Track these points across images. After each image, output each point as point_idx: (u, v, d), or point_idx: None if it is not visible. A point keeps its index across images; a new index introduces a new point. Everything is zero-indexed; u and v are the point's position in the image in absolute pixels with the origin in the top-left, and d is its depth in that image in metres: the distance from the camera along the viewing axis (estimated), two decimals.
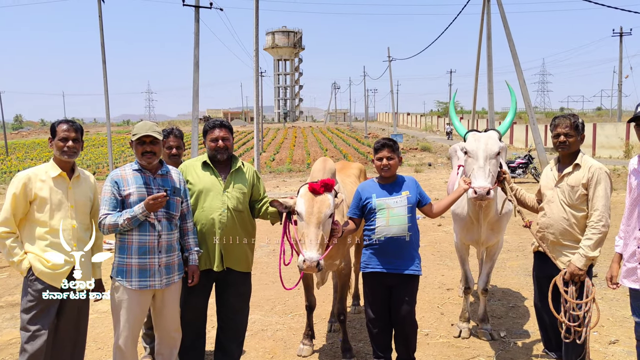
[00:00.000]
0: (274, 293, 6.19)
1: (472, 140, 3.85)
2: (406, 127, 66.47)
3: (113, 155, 24.39)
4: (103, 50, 20.57)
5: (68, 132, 3.28)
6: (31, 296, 3.18)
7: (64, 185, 3.29)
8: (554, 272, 3.59)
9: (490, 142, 3.78)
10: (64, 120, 3.37)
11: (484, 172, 3.67)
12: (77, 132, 3.32)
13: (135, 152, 3.34)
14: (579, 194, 3.48)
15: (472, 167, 3.75)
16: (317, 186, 3.45)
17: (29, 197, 3.19)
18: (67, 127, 3.29)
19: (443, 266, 7.38)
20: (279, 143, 40.92)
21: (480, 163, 3.70)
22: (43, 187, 3.22)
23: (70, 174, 3.34)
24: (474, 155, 3.76)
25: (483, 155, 3.72)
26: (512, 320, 5.22)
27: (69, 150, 3.27)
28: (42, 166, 3.34)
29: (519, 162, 18.05)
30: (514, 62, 17.07)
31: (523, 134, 34.45)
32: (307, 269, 3.33)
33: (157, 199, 3.15)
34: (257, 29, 16.60)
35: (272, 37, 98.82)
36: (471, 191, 3.65)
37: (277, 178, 21.99)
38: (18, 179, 3.21)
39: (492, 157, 3.74)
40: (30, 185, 3.19)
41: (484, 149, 3.74)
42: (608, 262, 3.83)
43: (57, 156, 3.30)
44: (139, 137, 3.28)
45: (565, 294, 3.45)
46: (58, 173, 3.27)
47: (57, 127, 3.29)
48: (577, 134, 3.55)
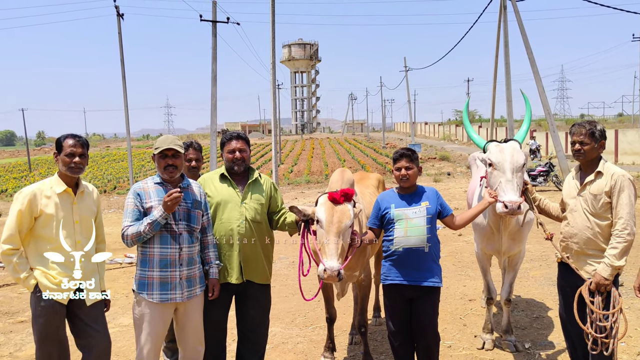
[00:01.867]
0: (294, 305, 6.17)
1: (496, 151, 3.77)
2: (424, 136, 66.17)
3: (133, 170, 24.69)
4: (123, 66, 20.93)
5: (75, 147, 3.25)
6: (38, 312, 3.18)
7: (69, 201, 3.27)
8: (579, 282, 3.50)
9: (516, 154, 3.71)
10: (70, 135, 3.33)
11: (512, 185, 3.60)
12: (84, 147, 3.30)
13: (157, 165, 3.37)
14: (602, 202, 3.39)
15: (499, 179, 3.67)
16: (337, 195, 3.45)
17: (34, 213, 3.16)
18: (74, 142, 3.26)
19: (464, 277, 7.29)
20: (296, 155, 41.03)
21: (509, 176, 3.63)
22: (48, 203, 3.18)
23: (75, 189, 3.32)
24: (500, 168, 3.68)
25: (510, 168, 3.65)
26: (536, 331, 5.12)
27: (75, 166, 3.24)
28: (46, 181, 3.29)
29: (539, 170, 17.79)
30: (532, 69, 16.92)
31: (543, 141, 34.03)
32: (327, 279, 3.31)
33: (171, 195, 3.15)
34: (273, 43, 16.74)
35: (289, 50, 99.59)
36: (500, 205, 3.57)
37: (296, 190, 22.02)
38: (23, 195, 3.17)
39: (518, 170, 3.67)
40: (35, 202, 3.16)
41: (510, 161, 3.67)
42: (635, 271, 3.74)
43: (62, 171, 3.27)
44: (161, 151, 3.30)
45: (591, 305, 3.37)
46: (63, 189, 3.24)
47: (64, 142, 3.26)
48: (593, 142, 3.43)
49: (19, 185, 27.46)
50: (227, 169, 3.76)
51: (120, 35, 20.92)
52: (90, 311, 3.34)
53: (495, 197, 3.62)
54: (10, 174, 34.45)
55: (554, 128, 17.78)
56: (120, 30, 20.91)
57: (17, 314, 6.18)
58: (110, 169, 35.97)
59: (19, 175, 33.77)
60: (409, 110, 45.96)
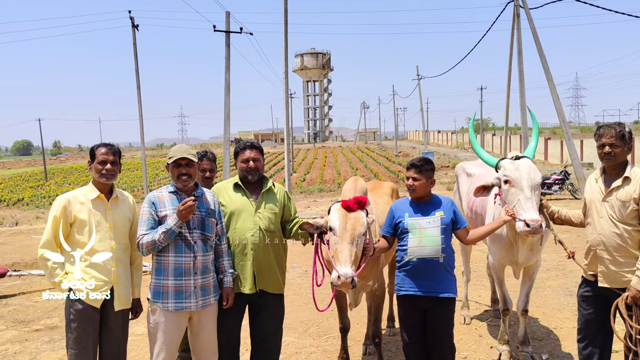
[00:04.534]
0: (307, 315, 6.14)
1: (512, 169, 3.72)
2: (437, 144, 65.92)
3: (148, 179, 24.89)
4: (137, 76, 21.16)
5: (106, 155, 3.37)
6: (73, 316, 3.26)
7: (102, 206, 3.37)
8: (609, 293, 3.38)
9: (533, 171, 3.67)
10: (103, 143, 3.47)
11: (532, 203, 3.55)
12: (115, 155, 3.42)
13: (171, 174, 3.40)
14: (630, 209, 3.24)
15: (517, 197, 3.62)
16: (351, 203, 3.44)
17: (69, 219, 3.28)
18: (106, 150, 3.39)
19: (480, 286, 7.20)
20: (309, 163, 41.08)
21: (527, 194, 3.57)
22: (82, 209, 3.30)
23: (108, 195, 3.42)
24: (518, 185, 3.63)
25: (528, 185, 3.60)
26: (554, 342, 5.03)
27: (107, 173, 3.36)
28: (81, 189, 3.44)
29: (555, 179, 17.61)
30: (546, 77, 16.82)
31: (558, 149, 33.72)
32: (341, 285, 3.28)
33: (186, 204, 3.18)
34: (286, 52, 16.83)
35: (301, 59, 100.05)
36: (521, 224, 3.52)
37: (308, 198, 22.02)
38: (58, 202, 3.31)
39: (536, 188, 3.63)
40: (69, 208, 3.28)
41: (527, 179, 3.62)
42: None
43: (95, 179, 3.39)
44: (175, 160, 3.34)
45: (629, 320, 3.23)
46: (96, 195, 3.36)
47: (96, 150, 3.39)
48: (623, 144, 3.30)
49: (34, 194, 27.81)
50: (241, 178, 3.77)
51: (135, 46, 21.18)
52: (119, 318, 3.39)
53: (513, 215, 3.57)
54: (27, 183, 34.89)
55: (569, 136, 17.62)
56: (135, 41, 21.17)
57: (33, 322, 6.23)
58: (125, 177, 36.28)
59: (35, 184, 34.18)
60: (421, 119, 45.83)
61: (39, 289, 7.78)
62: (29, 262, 9.73)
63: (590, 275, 3.50)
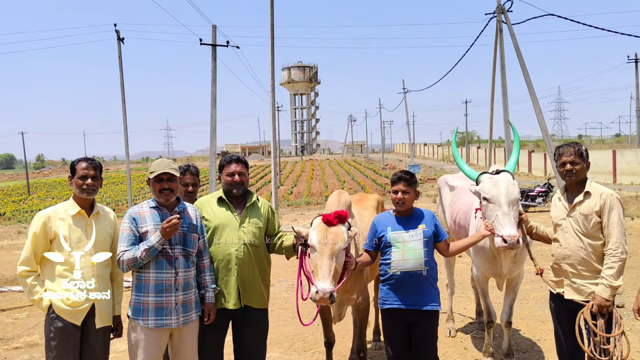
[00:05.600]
0: (292, 329, 6.11)
1: (490, 184, 3.75)
2: (423, 157, 66.36)
3: (132, 193, 24.68)
4: (122, 89, 21.08)
5: (87, 170, 3.32)
6: (53, 334, 3.19)
7: (83, 222, 3.32)
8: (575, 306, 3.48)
9: (511, 187, 3.70)
10: (84, 158, 3.43)
11: (509, 219, 3.59)
12: (96, 169, 3.36)
13: (152, 189, 3.37)
14: (593, 222, 3.39)
15: (495, 213, 3.65)
16: (331, 217, 3.43)
17: (49, 235, 3.22)
18: (86, 165, 3.34)
19: (465, 299, 7.23)
20: (296, 176, 41.08)
21: (505, 210, 3.61)
22: (62, 225, 3.25)
23: (89, 211, 3.37)
24: (496, 201, 3.66)
25: (506, 201, 3.63)
26: (537, 354, 5.05)
27: (88, 188, 3.31)
28: (62, 204, 3.38)
29: (538, 191, 17.82)
30: (529, 90, 17.05)
31: (541, 162, 34.12)
32: (320, 300, 3.28)
33: (170, 222, 3.15)
34: (272, 65, 16.88)
35: (288, 72, 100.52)
36: (499, 240, 3.55)
37: (295, 211, 21.99)
38: (38, 218, 3.25)
39: (514, 203, 3.66)
40: (50, 224, 3.23)
41: (505, 194, 3.65)
42: (635, 293, 3.72)
43: (76, 194, 3.34)
44: (156, 175, 3.31)
45: (594, 328, 3.33)
46: (77, 211, 3.30)
47: (77, 165, 3.34)
48: (582, 161, 3.47)
49: (17, 208, 27.42)
50: (226, 192, 3.75)
51: (121, 58, 21.14)
52: (100, 336, 3.32)
53: (492, 230, 3.61)
54: (9, 197, 34.41)
55: (552, 149, 17.81)
56: (120, 54, 21.14)
57: (12, 340, 6.10)
58: (109, 191, 35.99)
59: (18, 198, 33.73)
60: (408, 132, 46.18)
61: (19, 305, 7.65)
62: (10, 278, 9.55)
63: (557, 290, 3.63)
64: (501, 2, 18.03)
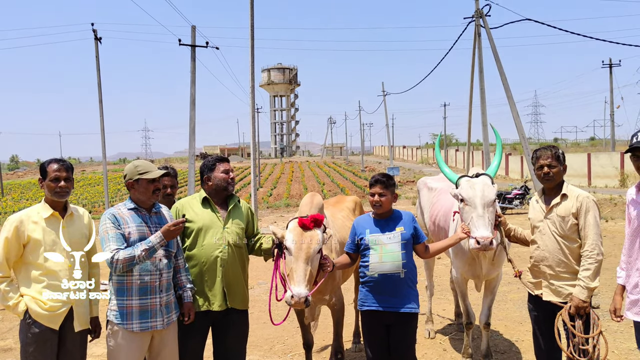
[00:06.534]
0: (272, 332, 6.07)
1: (467, 187, 3.79)
2: (402, 159, 66.80)
3: (109, 194, 24.33)
4: (100, 90, 20.76)
5: (59, 172, 3.21)
6: (29, 339, 3.10)
7: (56, 225, 3.22)
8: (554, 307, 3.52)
9: (487, 189, 3.74)
10: (54, 159, 3.30)
11: (484, 221, 3.62)
12: (68, 171, 3.26)
13: (140, 190, 3.27)
14: (570, 224, 3.45)
15: (470, 215, 3.69)
16: (307, 221, 3.43)
17: (21, 240, 3.12)
18: (58, 166, 3.22)
19: (444, 300, 7.28)
20: (276, 178, 40.98)
21: (479, 211, 3.65)
22: (36, 228, 3.15)
23: (62, 212, 3.27)
24: (472, 203, 3.70)
25: (481, 204, 3.67)
26: (515, 355, 5.12)
27: (61, 190, 3.21)
28: (34, 207, 3.27)
29: (515, 193, 18.10)
30: (506, 94, 17.29)
31: (518, 165, 34.64)
32: (294, 305, 3.29)
33: (177, 224, 3.15)
34: (252, 67, 16.80)
35: (268, 74, 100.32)
36: (473, 242, 3.58)
37: (275, 213, 21.92)
38: (10, 222, 3.14)
39: (489, 205, 3.69)
40: (22, 228, 3.12)
41: (481, 197, 3.69)
42: (610, 294, 3.78)
43: (49, 197, 3.24)
44: (153, 177, 3.26)
45: (573, 329, 3.37)
46: (50, 213, 3.21)
47: (48, 167, 3.22)
48: (559, 164, 3.54)
49: None
50: (217, 190, 3.70)
51: (98, 58, 20.81)
52: (77, 340, 3.25)
53: (468, 232, 3.64)
54: None
55: (529, 152, 18.10)
56: (97, 53, 20.80)
57: None
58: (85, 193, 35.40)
59: None
60: (387, 134, 46.43)
61: None
62: None
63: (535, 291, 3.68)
64: (480, 7, 18.25)
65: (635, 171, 3.18)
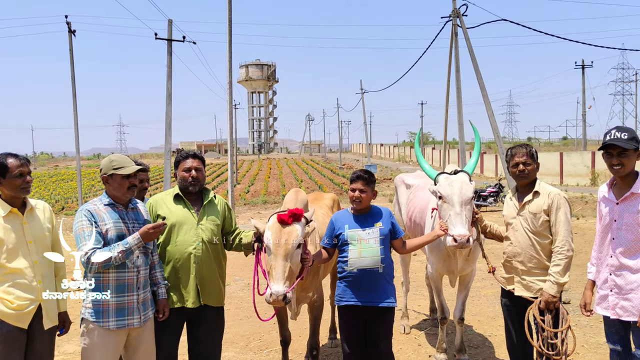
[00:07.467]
0: (248, 328, 6.06)
1: (445, 184, 3.81)
2: (380, 157, 67.19)
3: (83, 190, 23.90)
4: (73, 83, 20.34)
5: (22, 167, 3.07)
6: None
7: (17, 222, 3.08)
8: (525, 302, 3.60)
9: (465, 187, 3.77)
10: (9, 154, 3.11)
11: (461, 219, 3.65)
12: (28, 165, 3.15)
13: (114, 185, 3.20)
14: (541, 220, 3.52)
15: (448, 212, 3.71)
16: (285, 217, 3.41)
17: None
18: (20, 162, 3.08)
19: (419, 296, 7.36)
20: (253, 175, 40.78)
21: (457, 209, 3.67)
22: None
23: (22, 208, 3.13)
24: (449, 201, 3.72)
25: (459, 201, 3.69)
26: (488, 350, 5.20)
27: (28, 186, 3.10)
28: None
29: (490, 191, 18.38)
30: (482, 94, 17.50)
31: (493, 163, 35.15)
32: (273, 303, 3.28)
33: (157, 227, 3.11)
34: (230, 62, 16.67)
35: (246, 70, 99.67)
36: (450, 239, 3.61)
37: (252, 210, 21.82)
38: None
39: (467, 203, 3.73)
40: None
41: (459, 194, 3.71)
42: (581, 289, 3.88)
43: (11, 194, 3.08)
44: (128, 173, 3.18)
45: (542, 323, 3.45)
46: (9, 211, 3.06)
47: (8, 163, 3.05)
48: (533, 162, 3.61)
49: None
50: (182, 188, 3.68)
51: (72, 52, 20.39)
52: (46, 338, 3.17)
53: (446, 230, 3.68)
54: None
55: (503, 150, 18.37)
56: (71, 47, 20.38)
57: None
58: (58, 188, 34.68)
59: None
60: (365, 132, 46.61)
61: None
62: None
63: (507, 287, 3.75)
64: (457, 6, 18.42)
65: (607, 169, 3.26)
